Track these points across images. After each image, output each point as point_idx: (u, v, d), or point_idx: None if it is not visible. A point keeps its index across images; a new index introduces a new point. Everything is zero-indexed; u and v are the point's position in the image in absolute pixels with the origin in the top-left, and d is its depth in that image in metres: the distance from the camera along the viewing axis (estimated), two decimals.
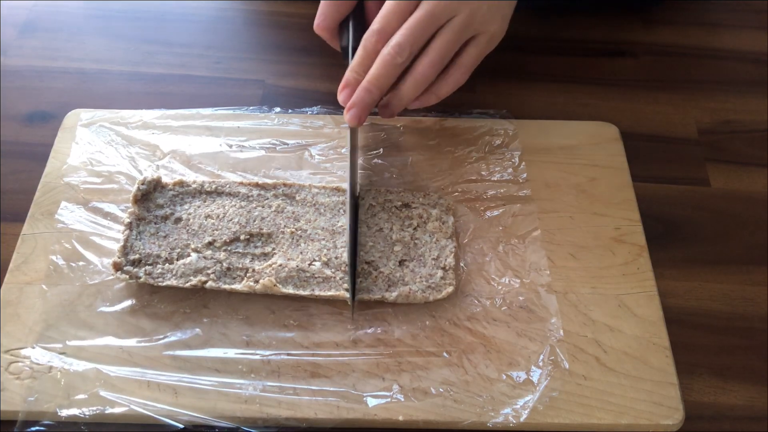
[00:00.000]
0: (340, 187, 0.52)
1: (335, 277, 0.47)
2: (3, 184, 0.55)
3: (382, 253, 0.49)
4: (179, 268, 0.47)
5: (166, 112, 0.58)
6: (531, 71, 0.65)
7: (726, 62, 0.67)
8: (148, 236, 0.49)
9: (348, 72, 0.52)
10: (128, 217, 0.50)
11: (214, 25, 0.68)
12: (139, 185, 0.51)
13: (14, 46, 0.65)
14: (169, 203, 0.51)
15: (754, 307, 0.51)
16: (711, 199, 0.57)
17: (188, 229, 0.50)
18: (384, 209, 0.52)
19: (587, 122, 0.59)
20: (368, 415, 0.43)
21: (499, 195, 0.54)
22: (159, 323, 0.46)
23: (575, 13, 0.70)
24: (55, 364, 0.44)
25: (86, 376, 0.44)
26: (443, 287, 0.48)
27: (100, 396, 0.43)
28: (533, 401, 0.44)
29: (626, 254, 0.51)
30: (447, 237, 0.50)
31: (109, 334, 0.46)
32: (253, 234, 0.50)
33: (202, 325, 0.47)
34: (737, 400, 0.47)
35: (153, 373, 0.44)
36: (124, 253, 0.48)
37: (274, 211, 0.51)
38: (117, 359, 0.45)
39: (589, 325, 0.48)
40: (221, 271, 0.47)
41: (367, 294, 0.47)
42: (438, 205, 0.52)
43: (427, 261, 0.49)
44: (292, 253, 0.49)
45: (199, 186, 0.52)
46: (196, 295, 0.48)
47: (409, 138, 0.57)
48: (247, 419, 0.43)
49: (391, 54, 0.49)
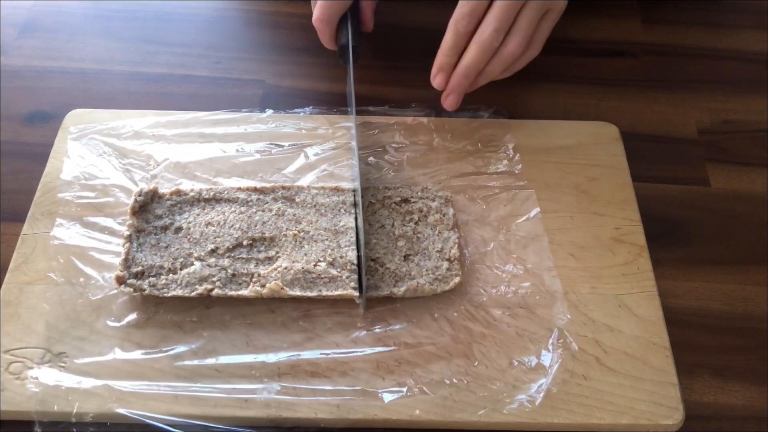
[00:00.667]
0: (339, 187, 0.52)
1: (341, 276, 0.48)
2: (3, 184, 0.55)
3: (387, 249, 0.49)
4: (183, 278, 0.47)
5: (158, 120, 0.57)
6: (531, 71, 0.65)
7: (726, 62, 0.67)
8: (149, 248, 0.49)
9: (440, 56, 0.52)
10: (127, 229, 0.49)
11: (214, 25, 0.68)
12: (136, 197, 0.50)
13: (14, 46, 0.65)
14: (167, 213, 0.51)
15: (754, 307, 0.51)
16: (711, 199, 0.57)
17: (189, 238, 0.49)
18: (384, 206, 0.52)
19: (587, 122, 0.59)
20: (384, 410, 0.43)
21: (495, 185, 0.54)
22: (165, 334, 0.46)
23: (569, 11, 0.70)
24: (63, 383, 0.44)
25: (94, 392, 0.43)
26: (450, 278, 0.48)
27: (115, 413, 0.43)
28: (546, 384, 0.44)
29: (626, 254, 0.51)
30: (449, 229, 0.50)
31: (115, 348, 0.45)
32: (255, 239, 0.49)
33: (210, 334, 0.46)
34: (737, 400, 0.47)
35: (164, 385, 0.44)
36: (126, 266, 0.47)
37: (274, 214, 0.51)
38: (125, 373, 0.44)
39: (589, 325, 0.48)
40: (227, 277, 0.47)
41: (375, 291, 0.47)
42: (437, 198, 0.52)
43: (431, 254, 0.49)
44: (297, 256, 0.49)
45: (197, 194, 0.52)
46: (201, 303, 0.47)
47: (403, 135, 0.57)
48: (262, 424, 0.43)
49: (490, 39, 0.50)
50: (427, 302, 0.48)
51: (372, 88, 0.62)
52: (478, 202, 0.53)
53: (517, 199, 0.53)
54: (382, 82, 0.63)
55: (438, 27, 0.55)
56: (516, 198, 0.54)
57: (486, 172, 0.55)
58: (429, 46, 0.55)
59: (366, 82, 0.62)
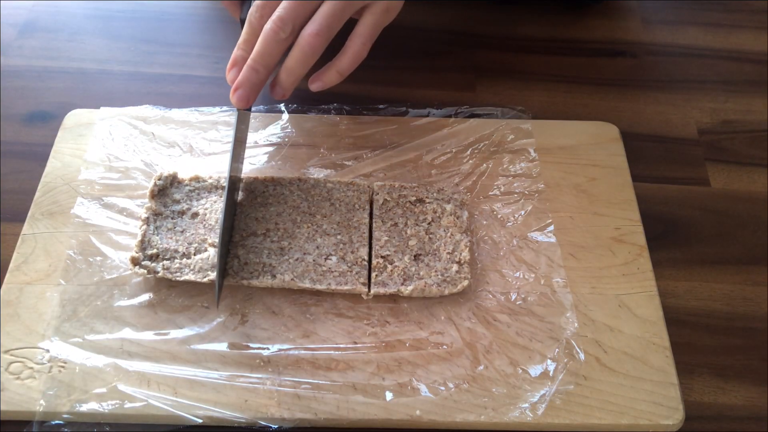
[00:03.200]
0: (354, 182, 0.53)
1: (351, 271, 0.48)
2: (3, 184, 0.55)
3: (397, 247, 0.49)
4: (197, 263, 0.48)
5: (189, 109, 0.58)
6: (531, 71, 0.65)
7: (726, 62, 0.67)
8: (165, 231, 0.49)
9: (235, 50, 0.50)
10: (145, 212, 0.50)
11: (214, 25, 0.68)
12: (156, 180, 0.51)
13: (14, 46, 0.65)
14: (185, 198, 0.51)
15: (754, 307, 0.51)
16: (711, 199, 0.57)
17: (205, 224, 0.50)
18: (398, 204, 0.52)
19: (587, 122, 0.59)
20: (385, 410, 0.43)
21: (513, 190, 0.54)
22: (176, 317, 0.47)
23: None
24: (72, 358, 0.44)
25: (103, 370, 0.44)
26: (459, 281, 0.48)
27: (119, 390, 0.43)
28: (550, 394, 0.44)
29: (626, 254, 0.51)
30: (461, 231, 0.50)
31: (126, 327, 0.46)
32: (269, 229, 0.50)
33: (220, 320, 0.47)
34: (737, 400, 0.47)
35: (170, 367, 0.44)
36: (142, 248, 0.48)
37: (290, 206, 0.51)
38: (133, 353, 0.45)
39: (589, 325, 0.48)
40: (239, 266, 0.48)
41: (382, 288, 0.47)
42: (452, 200, 0.52)
43: (442, 255, 0.49)
44: (309, 248, 0.49)
45: (216, 181, 0.52)
46: (213, 290, 0.48)
47: (421, 133, 0.57)
48: (262, 418, 0.43)
49: (273, 29, 0.48)
50: (434, 303, 0.48)
51: (372, 87, 0.62)
52: (494, 207, 0.53)
53: (534, 208, 0.53)
54: (382, 82, 0.63)
55: (438, 27, 0.55)
56: (533, 206, 0.53)
57: (504, 174, 0.55)
58: (429, 46, 0.55)
59: (366, 81, 0.62)
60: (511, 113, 0.59)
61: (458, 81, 0.64)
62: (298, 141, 0.57)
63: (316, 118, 0.58)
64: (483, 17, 0.70)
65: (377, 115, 0.58)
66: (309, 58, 0.49)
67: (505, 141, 0.57)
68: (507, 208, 0.53)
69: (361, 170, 0.55)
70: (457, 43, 0.67)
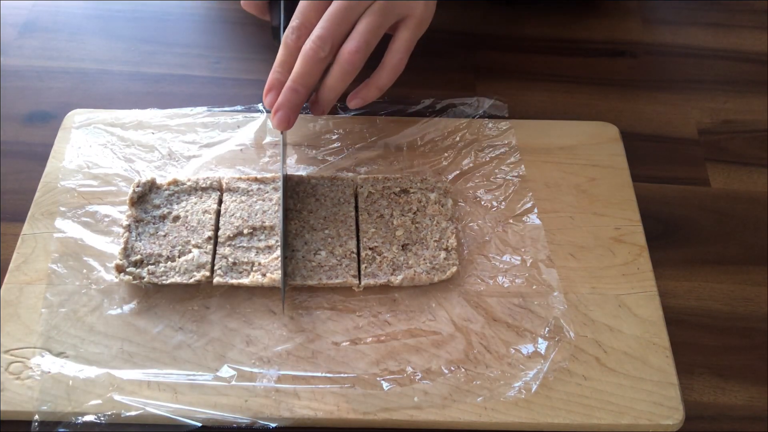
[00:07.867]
0: (338, 177, 0.53)
1: (341, 264, 0.48)
2: (3, 184, 0.55)
3: (385, 238, 0.50)
4: (182, 265, 0.48)
5: (162, 111, 0.58)
6: (531, 71, 0.65)
7: (726, 62, 0.67)
8: (148, 236, 0.49)
9: (271, 73, 0.50)
10: (126, 219, 0.50)
11: (214, 25, 0.68)
12: (134, 188, 0.51)
13: (14, 46, 0.65)
14: (165, 203, 0.51)
15: (754, 307, 0.51)
16: (711, 199, 0.57)
17: (187, 226, 0.50)
18: (383, 196, 0.52)
19: (587, 122, 0.59)
20: (383, 401, 0.44)
21: (495, 175, 0.55)
22: (165, 323, 0.46)
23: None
24: (64, 371, 0.44)
25: (96, 381, 0.44)
26: (447, 268, 0.48)
27: (114, 400, 0.43)
28: (543, 372, 0.45)
29: (626, 254, 0.51)
30: (447, 219, 0.51)
31: (116, 337, 0.46)
32: (256, 228, 0.50)
33: (210, 323, 0.47)
34: (737, 400, 0.47)
35: (163, 373, 0.44)
36: (126, 255, 0.48)
37: (275, 204, 0.51)
38: (126, 362, 0.45)
39: (589, 325, 0.48)
40: (227, 266, 0.48)
41: (373, 279, 0.48)
42: (436, 188, 0.53)
43: (429, 243, 0.50)
44: (297, 244, 0.49)
45: (194, 183, 0.52)
46: (201, 293, 0.48)
47: (400, 128, 0.58)
48: (261, 418, 0.43)
49: (313, 48, 0.48)
50: (425, 292, 0.49)
51: None
52: (478, 194, 0.54)
53: (516, 192, 0.54)
54: None
55: (438, 27, 0.55)
56: (514, 191, 0.54)
57: (483, 161, 0.56)
58: (429, 46, 0.55)
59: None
60: (489, 103, 0.59)
61: (458, 81, 0.64)
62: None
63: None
64: (483, 17, 0.70)
65: (376, 115, 0.58)
66: (349, 75, 0.50)
67: (484, 129, 0.58)
68: (489, 194, 0.54)
69: (343, 164, 0.55)
70: (457, 43, 0.67)
